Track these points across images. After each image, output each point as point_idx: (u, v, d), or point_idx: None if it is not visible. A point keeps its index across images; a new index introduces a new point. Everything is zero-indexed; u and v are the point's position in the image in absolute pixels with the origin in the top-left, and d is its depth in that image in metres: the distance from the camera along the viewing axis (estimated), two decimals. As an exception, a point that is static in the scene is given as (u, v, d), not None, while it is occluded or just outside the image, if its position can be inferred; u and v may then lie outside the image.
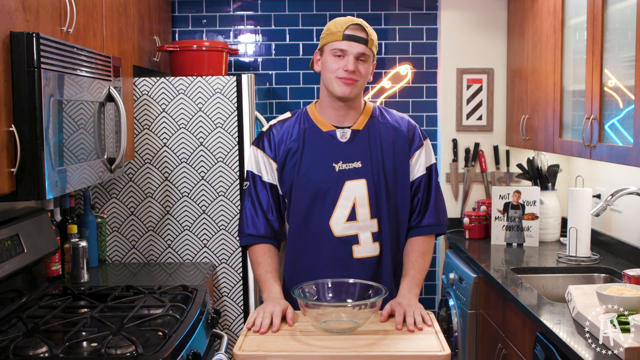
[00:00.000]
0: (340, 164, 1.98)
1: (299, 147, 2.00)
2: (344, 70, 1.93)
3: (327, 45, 1.97)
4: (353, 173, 1.97)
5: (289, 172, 2.00)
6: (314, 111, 2.06)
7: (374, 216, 1.97)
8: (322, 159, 1.98)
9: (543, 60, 3.08)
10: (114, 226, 3.05)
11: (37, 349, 1.74)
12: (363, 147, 2.00)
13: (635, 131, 2.17)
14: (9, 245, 2.13)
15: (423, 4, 3.79)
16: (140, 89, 3.00)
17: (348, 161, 1.98)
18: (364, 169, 1.98)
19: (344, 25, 1.94)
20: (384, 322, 1.78)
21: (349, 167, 1.98)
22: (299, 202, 1.99)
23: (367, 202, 1.97)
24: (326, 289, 1.81)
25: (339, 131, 2.01)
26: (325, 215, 1.97)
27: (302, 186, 1.98)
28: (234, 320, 3.09)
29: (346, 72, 1.93)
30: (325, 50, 1.98)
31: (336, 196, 1.96)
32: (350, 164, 1.98)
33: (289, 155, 2.00)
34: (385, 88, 3.81)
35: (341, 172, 1.97)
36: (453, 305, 3.23)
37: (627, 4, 2.29)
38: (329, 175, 1.97)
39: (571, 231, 2.91)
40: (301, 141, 2.01)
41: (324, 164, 1.98)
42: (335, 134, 2.00)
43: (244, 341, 1.62)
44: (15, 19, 1.81)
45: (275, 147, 2.02)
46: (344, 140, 2.00)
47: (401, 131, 2.05)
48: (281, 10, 3.78)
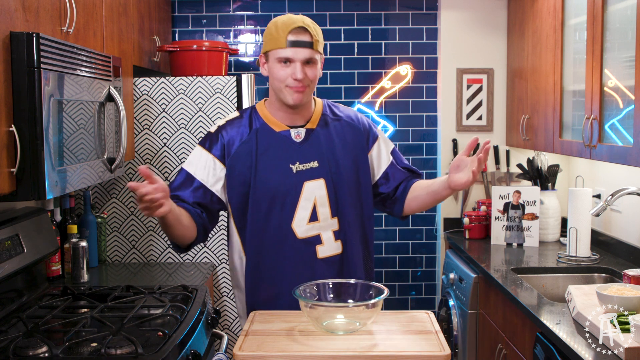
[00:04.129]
0: (297, 165, 1.93)
1: (252, 149, 1.93)
2: (293, 79, 1.88)
3: (272, 52, 1.90)
4: (310, 173, 1.94)
5: (241, 176, 1.92)
6: (264, 110, 1.99)
7: (335, 215, 1.95)
8: (278, 160, 1.93)
9: (543, 60, 3.08)
10: (114, 226, 3.05)
11: (37, 349, 1.73)
12: (318, 146, 1.96)
13: (635, 131, 2.17)
14: (9, 245, 2.13)
15: (423, 4, 3.80)
16: (140, 89, 2.99)
17: (304, 161, 1.94)
18: (321, 168, 1.94)
19: (286, 30, 1.86)
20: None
21: (306, 167, 1.94)
22: (257, 207, 1.92)
23: (327, 201, 1.94)
24: (327, 290, 1.81)
25: (293, 131, 1.96)
26: (286, 218, 1.92)
27: (260, 190, 1.91)
28: (234, 320, 3.09)
29: (295, 80, 1.88)
30: (270, 57, 1.91)
31: (296, 198, 1.92)
32: (307, 164, 1.94)
33: (240, 158, 1.93)
34: (385, 88, 3.81)
35: (299, 173, 1.93)
36: (453, 305, 3.23)
37: (627, 4, 2.29)
38: (287, 177, 1.92)
39: (571, 231, 2.91)
40: (254, 143, 1.94)
41: (281, 165, 1.93)
42: (289, 134, 1.95)
43: (244, 341, 1.62)
44: (15, 19, 1.81)
45: (224, 149, 1.94)
46: (299, 140, 1.95)
47: (356, 126, 2.03)
48: (281, 11, 3.78)
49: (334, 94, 3.81)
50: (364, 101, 3.82)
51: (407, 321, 1.76)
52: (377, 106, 3.82)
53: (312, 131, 1.97)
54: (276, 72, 1.90)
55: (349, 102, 3.81)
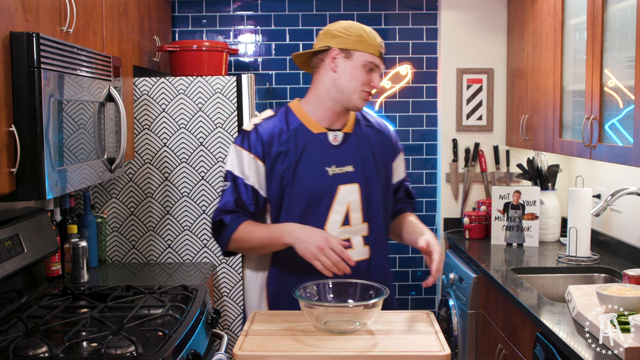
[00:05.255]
0: (333, 168, 1.93)
1: (290, 150, 1.91)
2: (372, 86, 1.91)
3: (360, 54, 1.90)
4: (346, 177, 1.93)
5: (279, 176, 1.90)
6: (301, 110, 1.98)
7: (365, 220, 1.96)
8: (315, 162, 1.92)
9: (543, 60, 3.08)
10: (114, 226, 3.05)
11: (37, 349, 1.73)
12: (354, 151, 1.97)
13: (635, 131, 2.17)
14: (9, 245, 2.13)
15: (423, 4, 3.80)
16: (140, 89, 2.99)
17: (340, 165, 1.94)
18: (355, 173, 1.95)
19: (377, 39, 1.92)
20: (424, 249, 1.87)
21: (342, 171, 1.93)
22: (292, 207, 1.91)
23: (359, 206, 1.95)
24: (327, 289, 1.81)
25: (331, 134, 1.96)
26: (320, 220, 1.91)
27: (297, 191, 1.90)
28: (234, 320, 3.09)
29: (373, 87, 1.92)
30: (355, 57, 1.90)
31: (330, 201, 1.92)
32: (343, 167, 1.94)
33: (280, 158, 1.90)
34: (385, 88, 3.81)
35: (334, 176, 1.92)
36: (453, 305, 3.23)
37: (627, 4, 2.29)
38: (323, 179, 1.91)
39: (571, 231, 2.91)
40: (293, 143, 1.92)
41: (317, 167, 1.92)
42: (326, 137, 1.95)
43: (244, 341, 1.62)
44: (15, 19, 1.81)
45: (264, 148, 1.91)
46: (336, 143, 1.96)
47: (385, 134, 2.07)
48: (281, 10, 3.78)
49: (334, 94, 3.80)
50: (364, 101, 3.82)
51: (407, 321, 1.76)
52: (377, 106, 3.82)
53: (349, 135, 1.98)
54: (357, 75, 1.91)
55: (349, 102, 3.81)
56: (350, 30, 1.92)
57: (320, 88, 1.96)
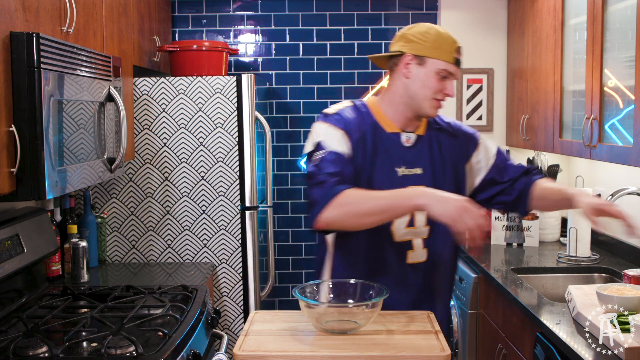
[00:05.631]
0: (402, 169, 1.89)
1: (366, 145, 1.86)
2: (444, 93, 1.87)
3: (434, 61, 1.85)
4: (414, 179, 1.89)
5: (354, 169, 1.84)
6: (377, 108, 1.94)
7: (428, 223, 1.91)
8: (386, 161, 1.89)
9: (543, 60, 3.08)
10: (114, 226, 3.05)
11: (37, 349, 1.73)
12: (424, 153, 1.93)
13: (635, 131, 2.17)
14: (9, 245, 2.13)
15: (423, 4, 3.80)
16: (140, 89, 3.00)
17: (410, 166, 1.90)
18: (424, 175, 1.91)
19: (453, 46, 1.86)
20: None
21: (411, 172, 1.90)
22: None
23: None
24: (327, 290, 1.81)
25: (404, 135, 1.91)
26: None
27: (366, 187, 1.81)
28: (234, 320, 3.09)
29: (446, 96, 1.87)
30: (428, 64, 1.86)
31: None
32: (412, 169, 1.90)
33: (359, 148, 1.85)
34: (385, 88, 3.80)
35: (403, 177, 1.89)
36: (453, 305, 3.23)
37: (627, 4, 2.29)
38: (392, 179, 1.88)
39: (571, 231, 2.91)
40: (369, 138, 1.88)
41: (387, 167, 1.89)
42: (399, 137, 1.91)
43: (244, 341, 1.62)
44: (15, 19, 1.81)
45: (351, 133, 1.85)
46: (408, 144, 1.92)
47: (458, 136, 2.00)
48: (281, 10, 3.78)
49: (334, 94, 3.81)
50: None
51: (407, 321, 1.76)
52: (377, 106, 3.82)
53: (421, 137, 1.94)
54: (430, 82, 1.86)
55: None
56: (425, 35, 1.86)
57: (394, 92, 1.94)
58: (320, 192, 1.74)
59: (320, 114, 1.93)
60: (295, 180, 3.85)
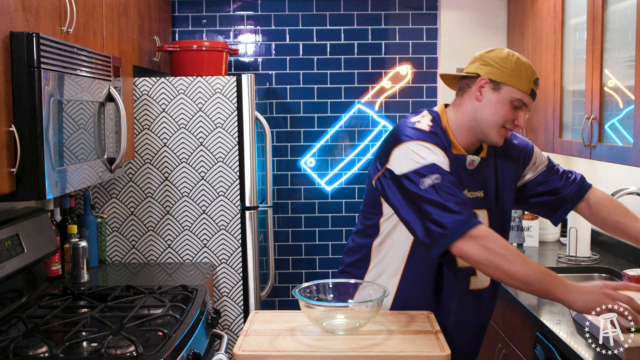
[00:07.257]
0: (465, 192, 1.85)
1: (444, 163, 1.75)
2: (515, 124, 1.81)
3: (511, 89, 1.79)
4: (476, 202, 1.85)
5: None
6: (448, 126, 1.87)
7: None
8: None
9: (543, 60, 3.08)
10: (114, 226, 3.05)
11: (37, 349, 1.74)
12: (485, 177, 1.90)
13: (635, 131, 2.17)
14: (9, 245, 2.13)
15: (423, 4, 3.80)
16: (140, 89, 3.00)
17: (473, 189, 1.87)
18: (485, 199, 1.88)
19: (532, 77, 1.80)
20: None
21: (473, 195, 1.86)
22: None
23: None
24: (327, 290, 1.81)
25: (469, 157, 1.86)
26: None
27: None
28: (234, 320, 3.09)
29: (516, 126, 1.82)
30: (503, 91, 1.79)
31: None
32: (474, 192, 1.87)
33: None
34: (385, 88, 3.81)
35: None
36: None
37: (627, 4, 2.29)
38: None
39: (571, 231, 2.91)
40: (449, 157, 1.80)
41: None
42: (464, 160, 1.85)
43: (244, 341, 1.62)
44: (15, 19, 1.81)
45: (447, 153, 1.78)
46: (472, 167, 1.87)
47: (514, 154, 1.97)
48: (281, 10, 3.78)
49: (334, 94, 3.81)
50: (364, 101, 3.82)
51: (407, 321, 1.76)
52: (377, 106, 3.82)
53: (483, 160, 1.90)
54: (503, 110, 1.80)
55: (349, 102, 3.81)
56: (505, 61, 1.80)
57: (462, 113, 1.87)
58: (454, 220, 1.65)
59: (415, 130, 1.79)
60: (295, 180, 3.86)
